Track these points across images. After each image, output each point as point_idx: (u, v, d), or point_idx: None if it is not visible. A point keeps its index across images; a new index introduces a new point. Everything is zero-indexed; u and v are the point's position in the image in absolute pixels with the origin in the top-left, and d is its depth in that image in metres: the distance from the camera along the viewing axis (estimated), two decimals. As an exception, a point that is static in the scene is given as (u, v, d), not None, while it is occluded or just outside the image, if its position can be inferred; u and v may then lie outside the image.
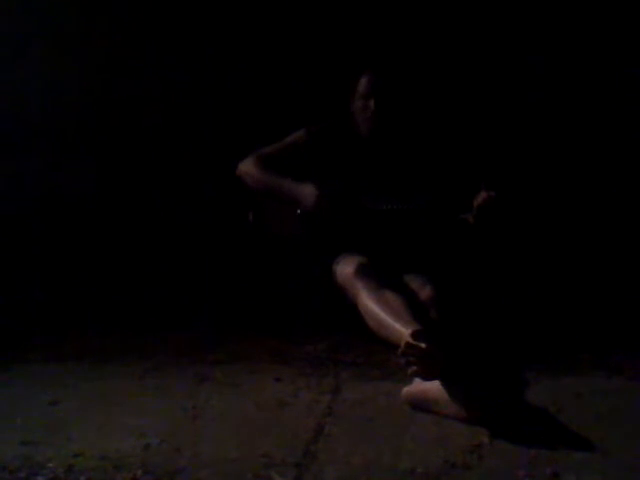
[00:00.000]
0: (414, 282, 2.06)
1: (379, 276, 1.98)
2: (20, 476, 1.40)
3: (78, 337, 2.33)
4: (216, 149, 2.77)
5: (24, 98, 2.77)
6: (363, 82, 2.23)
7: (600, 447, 1.46)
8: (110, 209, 2.83)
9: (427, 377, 1.61)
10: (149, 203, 2.82)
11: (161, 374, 1.98)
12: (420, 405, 1.66)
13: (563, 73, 2.67)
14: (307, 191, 2.14)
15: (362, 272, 1.99)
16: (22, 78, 2.76)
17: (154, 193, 2.82)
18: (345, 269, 2.04)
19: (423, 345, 1.58)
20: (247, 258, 2.54)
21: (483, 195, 1.98)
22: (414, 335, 1.61)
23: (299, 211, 2.18)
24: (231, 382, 1.90)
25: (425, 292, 2.01)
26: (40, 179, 2.82)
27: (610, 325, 2.28)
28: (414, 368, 1.59)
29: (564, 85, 2.67)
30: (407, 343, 1.60)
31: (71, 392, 1.84)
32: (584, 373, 1.93)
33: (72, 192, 2.82)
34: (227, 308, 2.51)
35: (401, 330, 1.70)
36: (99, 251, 2.80)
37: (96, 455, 1.47)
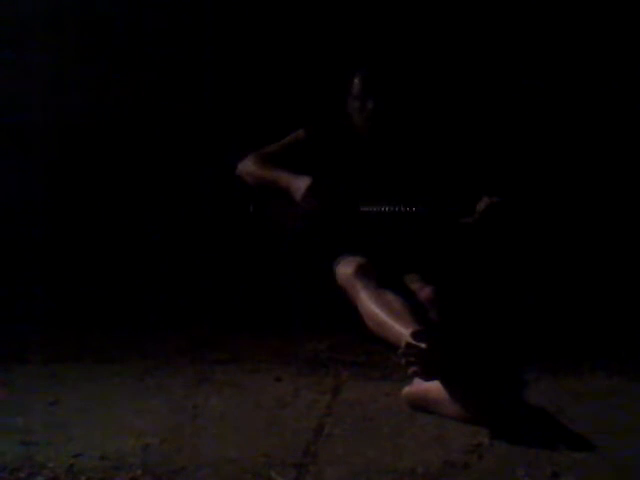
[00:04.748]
0: (414, 283, 2.06)
1: (379, 277, 1.98)
2: (20, 476, 1.39)
3: (78, 337, 2.33)
4: (215, 145, 2.77)
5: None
6: (358, 82, 2.23)
7: (600, 447, 1.46)
8: (110, 208, 2.83)
9: (427, 377, 1.61)
10: (149, 201, 2.82)
11: (161, 374, 1.98)
12: (420, 405, 1.66)
13: (565, 77, 2.67)
14: (300, 182, 2.13)
15: (362, 273, 1.99)
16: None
17: (153, 191, 2.82)
18: (345, 269, 2.04)
19: (423, 345, 1.58)
20: (247, 258, 2.54)
21: (486, 201, 1.98)
22: (414, 335, 1.62)
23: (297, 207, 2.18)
24: (231, 382, 1.90)
25: (425, 293, 2.01)
26: (41, 174, 2.82)
27: (610, 325, 2.28)
28: (414, 368, 1.59)
29: (566, 89, 2.67)
30: (407, 343, 1.60)
31: (71, 392, 1.84)
32: (584, 373, 1.93)
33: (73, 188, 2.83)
34: (227, 308, 2.51)
35: (401, 330, 1.70)
36: (99, 250, 2.80)
37: (96, 455, 1.47)
